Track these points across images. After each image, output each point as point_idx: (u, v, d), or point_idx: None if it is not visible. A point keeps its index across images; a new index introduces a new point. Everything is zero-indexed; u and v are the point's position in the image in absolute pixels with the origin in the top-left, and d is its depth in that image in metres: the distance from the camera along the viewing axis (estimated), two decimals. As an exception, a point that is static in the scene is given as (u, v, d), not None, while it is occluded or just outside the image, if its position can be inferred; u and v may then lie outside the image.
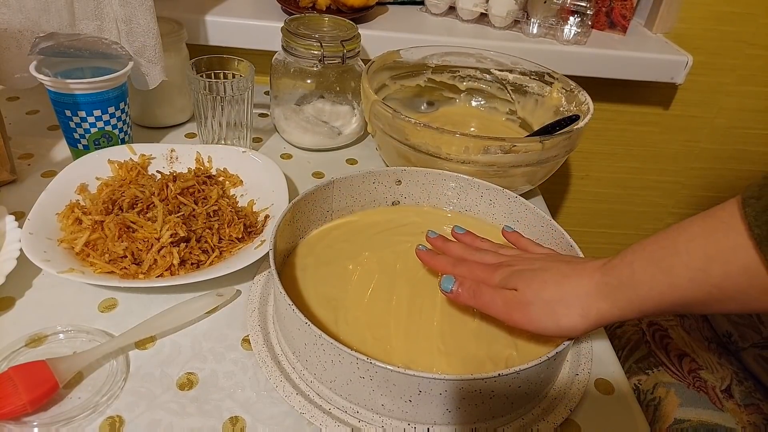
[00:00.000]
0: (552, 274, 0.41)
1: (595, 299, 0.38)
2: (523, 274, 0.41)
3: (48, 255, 0.46)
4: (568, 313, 0.38)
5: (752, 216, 0.30)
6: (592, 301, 0.38)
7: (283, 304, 0.39)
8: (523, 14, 0.84)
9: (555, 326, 0.39)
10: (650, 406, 0.76)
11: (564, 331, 0.39)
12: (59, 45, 0.58)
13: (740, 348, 0.81)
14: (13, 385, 0.37)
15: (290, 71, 0.68)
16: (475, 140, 0.55)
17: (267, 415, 0.40)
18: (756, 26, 0.89)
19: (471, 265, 0.45)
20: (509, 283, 0.41)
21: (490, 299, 0.41)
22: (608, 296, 0.37)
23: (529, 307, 0.40)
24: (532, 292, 0.40)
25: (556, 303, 0.39)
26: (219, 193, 0.56)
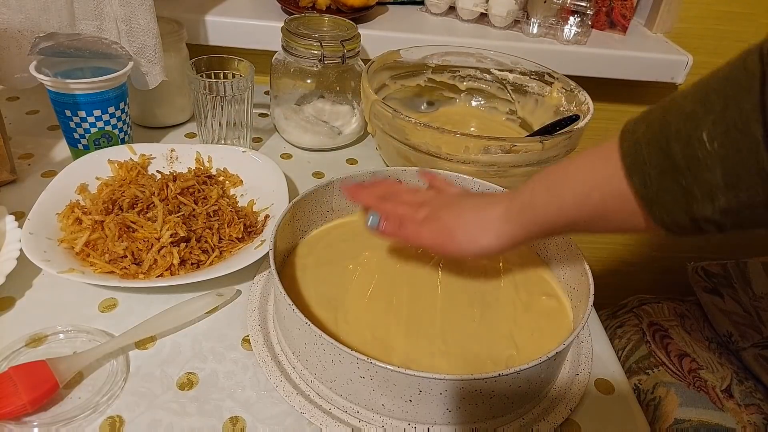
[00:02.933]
0: (469, 204, 0.45)
1: (504, 222, 0.42)
2: (444, 207, 0.46)
3: (48, 255, 0.46)
4: (483, 234, 0.43)
5: (625, 148, 0.34)
6: (502, 224, 0.42)
7: (283, 304, 0.39)
8: (523, 14, 0.84)
9: (474, 247, 0.43)
10: (650, 405, 0.76)
11: (484, 250, 0.43)
12: (59, 45, 0.58)
13: (740, 348, 0.81)
14: (13, 385, 0.37)
15: (290, 71, 0.68)
16: (475, 140, 0.55)
17: (267, 415, 0.40)
18: (756, 26, 0.89)
19: (394, 202, 0.48)
20: (432, 215, 0.45)
21: (416, 231, 0.45)
22: (514, 219, 0.42)
23: (451, 231, 0.43)
24: (452, 218, 0.44)
25: (473, 226, 0.43)
26: (219, 193, 0.56)
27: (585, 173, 0.38)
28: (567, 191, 0.39)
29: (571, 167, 0.39)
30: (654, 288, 1.22)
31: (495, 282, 0.50)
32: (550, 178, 0.41)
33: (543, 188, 0.41)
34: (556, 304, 0.48)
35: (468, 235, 0.43)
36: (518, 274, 0.51)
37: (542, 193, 0.41)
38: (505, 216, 0.42)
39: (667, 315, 0.89)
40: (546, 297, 0.48)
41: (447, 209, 0.45)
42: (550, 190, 0.40)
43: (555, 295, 0.49)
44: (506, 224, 0.42)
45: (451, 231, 0.44)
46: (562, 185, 0.39)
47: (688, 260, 1.05)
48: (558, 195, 0.39)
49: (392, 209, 0.47)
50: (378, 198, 0.48)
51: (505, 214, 0.42)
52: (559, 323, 0.46)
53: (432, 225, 0.45)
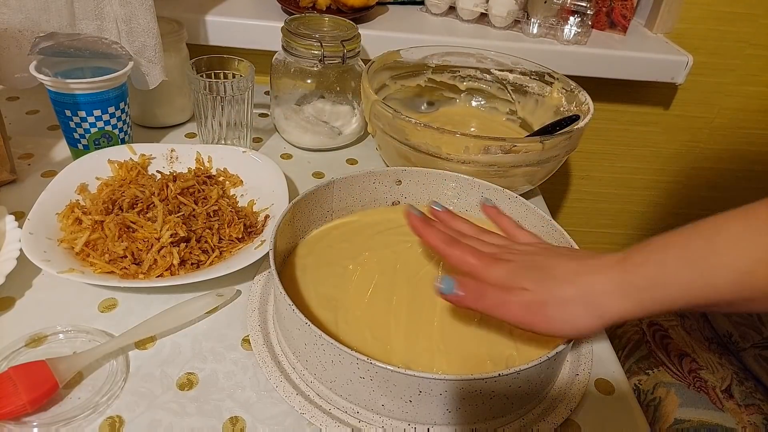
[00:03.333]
0: (562, 271, 0.38)
1: (615, 298, 0.35)
2: (528, 270, 0.39)
3: (48, 255, 0.46)
4: (585, 313, 0.36)
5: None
6: (613, 301, 0.36)
7: (283, 304, 0.39)
8: (524, 14, 0.84)
9: (572, 328, 0.37)
10: (650, 406, 0.76)
11: (581, 332, 0.37)
12: (59, 45, 0.58)
13: (741, 348, 0.81)
14: (13, 385, 0.37)
15: (290, 71, 0.68)
16: (475, 140, 0.55)
17: (267, 415, 0.40)
18: (756, 26, 0.89)
19: (464, 249, 0.42)
20: (515, 281, 0.39)
21: (500, 301, 0.38)
22: (632, 296, 0.35)
23: (544, 308, 0.37)
24: (544, 290, 0.37)
25: (573, 303, 0.36)
26: (219, 193, 0.56)
27: (745, 246, 0.32)
28: (720, 267, 0.32)
29: (719, 237, 0.33)
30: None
31: (495, 282, 0.49)
32: (690, 249, 0.34)
33: (680, 262, 0.34)
34: (556, 305, 0.48)
35: (564, 314, 0.36)
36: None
37: (680, 268, 0.34)
38: (618, 291, 0.35)
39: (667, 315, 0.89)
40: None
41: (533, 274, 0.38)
42: (693, 265, 0.33)
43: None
44: (619, 301, 0.35)
45: (543, 307, 0.37)
46: (711, 259, 0.33)
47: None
48: (707, 272, 0.33)
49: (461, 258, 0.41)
50: (445, 242, 0.43)
51: (620, 289, 0.35)
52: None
53: (519, 297, 0.38)
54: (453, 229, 0.46)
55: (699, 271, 0.33)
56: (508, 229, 0.47)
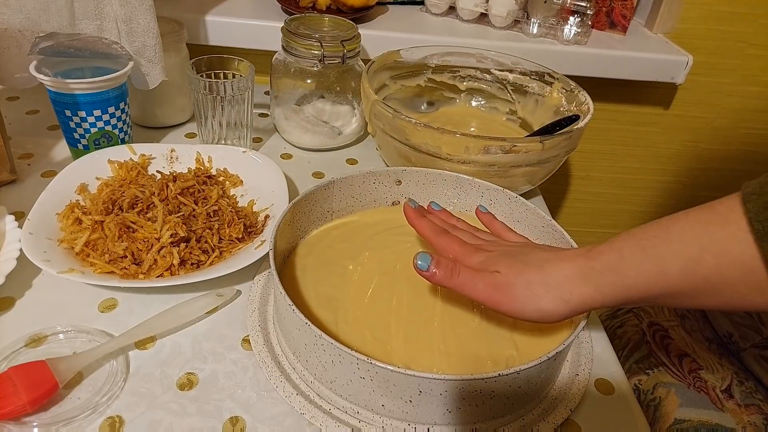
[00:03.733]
0: (534, 258, 0.40)
1: (578, 283, 0.37)
2: (504, 257, 0.41)
3: (48, 255, 0.46)
4: (549, 296, 0.37)
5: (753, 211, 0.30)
6: (575, 286, 0.37)
7: (283, 304, 0.39)
8: (524, 14, 0.84)
9: (536, 309, 0.38)
10: (650, 406, 0.76)
11: (545, 315, 0.38)
12: (59, 45, 0.58)
13: (741, 348, 0.81)
14: (13, 385, 0.37)
15: (290, 71, 0.68)
16: (475, 140, 0.55)
17: (267, 415, 0.40)
18: (756, 26, 0.89)
19: (451, 239, 0.44)
20: (490, 265, 0.41)
21: (470, 280, 0.40)
22: (592, 281, 0.36)
23: (511, 288, 0.38)
24: (514, 273, 0.39)
25: (537, 285, 0.38)
26: (219, 193, 0.56)
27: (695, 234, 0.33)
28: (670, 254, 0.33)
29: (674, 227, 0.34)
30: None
31: (495, 282, 0.49)
32: (646, 237, 0.35)
33: (636, 248, 0.35)
34: (556, 305, 0.48)
35: (529, 295, 0.38)
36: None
37: (635, 253, 0.35)
38: (580, 276, 0.37)
39: (667, 315, 0.89)
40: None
41: (507, 260, 0.40)
42: (646, 251, 0.34)
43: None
44: (581, 286, 0.37)
45: (510, 287, 0.39)
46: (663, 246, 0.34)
47: (689, 260, 1.05)
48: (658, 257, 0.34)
49: (447, 246, 0.44)
50: (435, 230, 0.46)
51: (581, 274, 0.37)
52: (559, 323, 0.46)
53: (487, 277, 0.40)
54: (446, 223, 0.49)
55: (652, 258, 0.34)
56: (500, 231, 0.49)
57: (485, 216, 0.51)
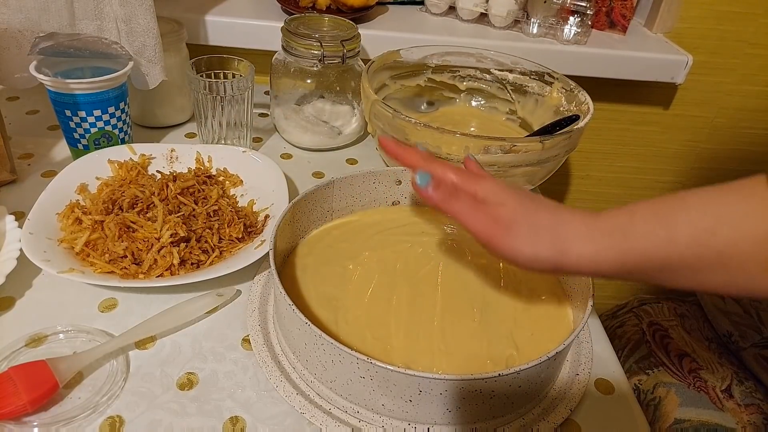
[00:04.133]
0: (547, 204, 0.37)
1: (580, 238, 0.35)
2: (512, 191, 0.38)
3: (48, 255, 0.46)
4: (548, 243, 0.35)
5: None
6: (577, 240, 0.35)
7: (283, 304, 0.39)
8: (523, 14, 0.84)
9: (532, 254, 0.35)
10: (650, 406, 0.76)
11: (536, 262, 0.35)
12: (59, 45, 0.58)
13: (741, 348, 0.81)
14: (13, 385, 0.37)
15: (290, 71, 0.68)
16: (475, 140, 0.55)
17: (267, 415, 0.40)
18: (756, 26, 0.89)
19: (445, 165, 0.40)
20: (494, 196, 0.37)
21: (470, 208, 0.37)
22: (594, 239, 0.34)
23: (514, 225, 0.36)
24: (522, 210, 0.36)
25: (544, 229, 0.35)
26: (219, 193, 0.56)
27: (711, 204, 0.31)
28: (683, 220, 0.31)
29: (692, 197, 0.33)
30: (654, 288, 1.22)
31: (495, 282, 0.50)
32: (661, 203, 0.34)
33: (648, 212, 0.34)
34: (556, 304, 0.48)
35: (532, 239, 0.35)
36: (518, 274, 0.51)
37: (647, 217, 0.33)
38: (586, 233, 0.35)
39: (667, 315, 0.89)
40: (546, 297, 0.48)
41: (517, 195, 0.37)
42: (658, 216, 0.33)
43: (555, 295, 0.49)
44: (583, 241, 0.35)
45: (513, 224, 0.36)
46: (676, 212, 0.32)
47: (688, 260, 1.05)
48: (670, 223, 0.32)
49: (442, 171, 0.39)
50: (426, 158, 0.41)
51: (587, 232, 0.35)
52: (559, 323, 0.46)
53: (489, 209, 0.36)
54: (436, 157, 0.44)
55: (663, 223, 0.32)
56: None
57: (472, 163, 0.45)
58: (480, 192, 0.38)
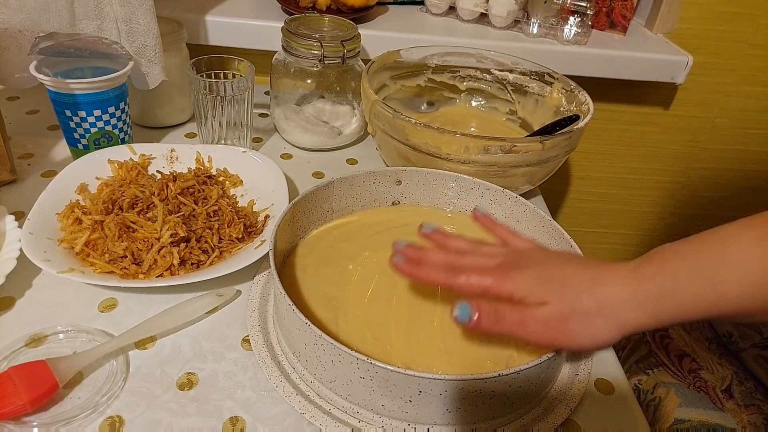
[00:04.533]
0: (580, 281, 0.37)
1: (632, 309, 0.35)
2: (547, 283, 0.38)
3: (48, 255, 0.46)
4: (604, 326, 0.36)
5: None
6: (630, 312, 0.35)
7: (283, 304, 0.39)
8: (524, 14, 0.84)
9: (591, 340, 0.36)
10: (650, 406, 0.76)
11: (599, 343, 0.37)
12: (59, 45, 0.58)
13: (741, 348, 0.81)
14: (13, 385, 0.37)
15: (290, 71, 0.68)
16: (475, 140, 0.55)
17: (267, 415, 0.40)
18: (756, 26, 0.89)
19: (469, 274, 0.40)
20: (534, 293, 0.38)
21: (519, 320, 0.37)
22: (647, 307, 0.35)
23: (565, 322, 0.36)
24: (566, 304, 0.37)
25: (595, 315, 0.36)
26: (219, 193, 0.56)
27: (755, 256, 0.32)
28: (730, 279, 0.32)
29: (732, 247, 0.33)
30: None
31: (495, 282, 0.49)
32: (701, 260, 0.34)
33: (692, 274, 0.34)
34: (556, 305, 0.48)
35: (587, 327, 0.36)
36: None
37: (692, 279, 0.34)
38: (634, 302, 0.35)
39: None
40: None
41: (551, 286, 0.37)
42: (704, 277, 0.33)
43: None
44: (636, 312, 0.35)
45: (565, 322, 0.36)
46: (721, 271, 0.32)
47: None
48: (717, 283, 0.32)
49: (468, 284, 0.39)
50: (447, 273, 0.40)
51: (635, 300, 0.35)
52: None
53: (538, 314, 0.37)
54: (449, 249, 0.44)
55: (710, 283, 0.33)
56: (504, 236, 0.46)
57: (485, 220, 0.48)
58: (516, 292, 0.38)
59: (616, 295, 0.36)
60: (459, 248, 0.44)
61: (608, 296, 0.36)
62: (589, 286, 0.37)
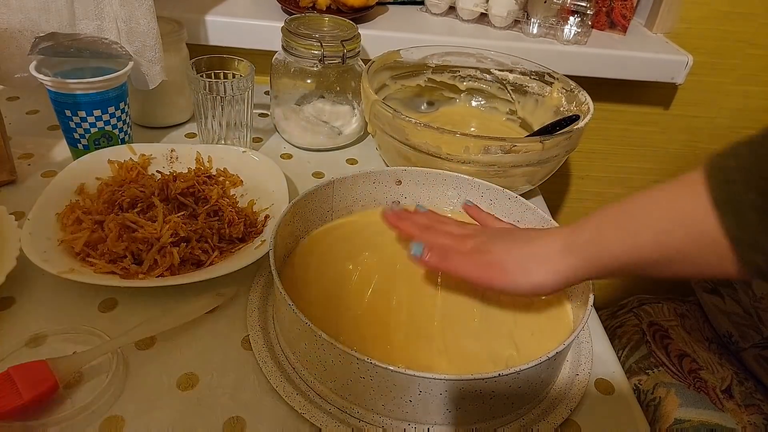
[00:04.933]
0: (522, 235, 0.44)
1: (563, 255, 0.39)
2: (494, 239, 0.44)
3: (48, 255, 0.46)
4: (541, 269, 0.40)
5: (713, 184, 0.32)
6: (562, 257, 0.39)
7: (283, 304, 0.39)
8: (524, 14, 0.84)
9: (528, 283, 0.40)
10: (650, 406, 0.76)
11: (537, 287, 0.40)
12: (59, 45, 0.58)
13: (741, 348, 0.81)
14: (13, 385, 0.37)
15: (290, 71, 0.68)
16: (475, 140, 0.55)
17: (267, 415, 0.40)
18: (756, 26, 0.89)
19: (438, 233, 0.46)
20: (481, 247, 0.43)
21: (462, 262, 0.43)
22: (576, 253, 0.39)
23: (503, 264, 0.41)
24: (505, 250, 0.42)
25: (528, 259, 0.41)
26: (219, 193, 0.56)
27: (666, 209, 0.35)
28: (643, 227, 0.35)
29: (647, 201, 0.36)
30: (654, 288, 1.22)
31: (495, 282, 0.49)
32: (621, 213, 0.38)
33: (612, 224, 0.38)
34: (556, 304, 0.48)
35: (521, 269, 0.41)
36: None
37: (611, 229, 0.38)
38: (566, 248, 0.39)
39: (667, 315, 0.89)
40: (546, 297, 0.48)
41: (497, 241, 0.43)
42: (620, 227, 0.37)
43: (555, 295, 0.49)
44: (567, 257, 0.39)
45: (502, 264, 0.41)
46: (637, 220, 0.36)
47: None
48: (632, 232, 0.36)
49: (435, 239, 0.45)
50: (421, 227, 0.48)
51: (566, 247, 0.39)
52: (559, 323, 0.46)
53: (480, 257, 0.42)
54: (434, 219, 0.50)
55: (626, 231, 0.36)
56: (486, 221, 0.51)
57: (472, 209, 0.53)
58: (468, 248, 0.44)
59: (550, 245, 0.41)
60: (442, 220, 0.50)
61: (541, 246, 0.41)
62: (529, 238, 0.42)
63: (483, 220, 0.51)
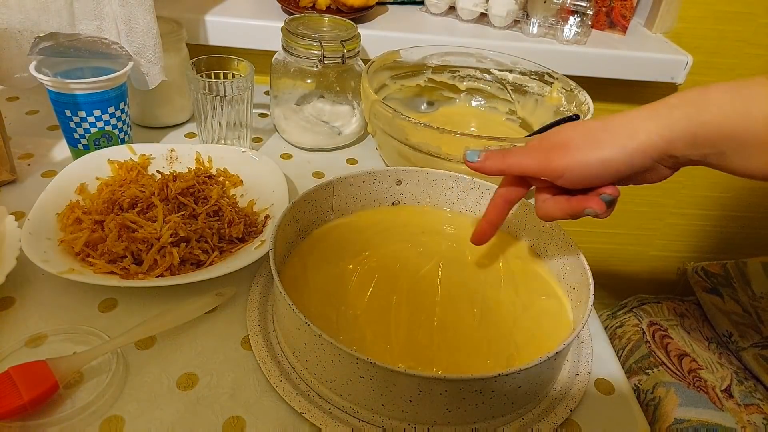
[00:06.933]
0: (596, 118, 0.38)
1: (643, 119, 0.34)
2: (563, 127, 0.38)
3: (48, 255, 0.46)
4: (611, 140, 0.35)
5: None
6: (640, 122, 0.34)
7: (283, 304, 0.39)
8: (523, 14, 0.84)
9: (596, 158, 0.35)
10: (650, 405, 0.76)
11: (606, 162, 0.35)
12: (59, 45, 0.58)
13: (740, 348, 0.81)
14: (13, 385, 0.37)
15: (290, 71, 0.68)
16: (475, 140, 0.55)
17: (267, 415, 0.40)
18: (756, 26, 0.89)
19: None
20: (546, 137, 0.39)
21: (521, 154, 0.38)
22: (662, 115, 0.34)
23: (569, 142, 0.36)
24: (571, 128, 0.37)
25: (599, 131, 0.35)
26: (219, 193, 0.56)
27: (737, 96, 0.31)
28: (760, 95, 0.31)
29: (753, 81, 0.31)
30: (654, 288, 1.22)
31: (495, 282, 0.50)
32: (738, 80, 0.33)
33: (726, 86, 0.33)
34: (556, 304, 0.48)
35: (590, 142, 0.35)
36: (518, 274, 0.51)
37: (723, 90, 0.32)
38: (648, 112, 0.34)
39: (666, 315, 0.90)
40: (546, 297, 0.48)
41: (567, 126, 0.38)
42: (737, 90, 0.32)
43: (555, 295, 0.49)
44: (646, 121, 0.34)
45: (568, 142, 0.36)
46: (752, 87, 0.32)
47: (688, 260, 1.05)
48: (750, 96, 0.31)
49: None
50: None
51: (650, 111, 0.34)
52: (559, 323, 0.46)
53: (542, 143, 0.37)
54: None
55: (743, 96, 0.32)
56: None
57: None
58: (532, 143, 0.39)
59: (632, 113, 0.35)
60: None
61: (623, 115, 0.35)
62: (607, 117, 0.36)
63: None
